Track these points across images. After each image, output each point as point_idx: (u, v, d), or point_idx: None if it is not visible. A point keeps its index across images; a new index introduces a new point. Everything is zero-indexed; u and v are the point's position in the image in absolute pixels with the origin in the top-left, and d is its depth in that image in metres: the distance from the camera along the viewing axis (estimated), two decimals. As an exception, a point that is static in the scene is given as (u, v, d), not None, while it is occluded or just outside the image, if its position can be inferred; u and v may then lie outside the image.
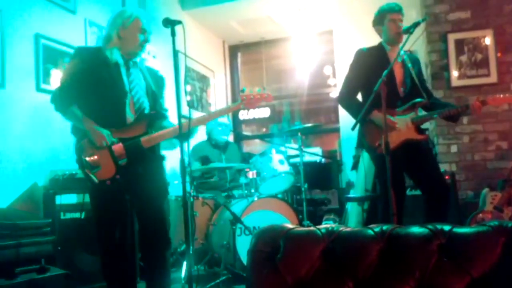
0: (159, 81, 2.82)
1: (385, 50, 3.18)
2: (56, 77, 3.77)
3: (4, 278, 1.95)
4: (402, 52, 3.07)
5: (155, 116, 2.61)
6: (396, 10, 3.14)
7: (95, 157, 2.45)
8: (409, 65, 3.17)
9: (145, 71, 2.73)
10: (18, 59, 3.48)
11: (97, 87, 2.51)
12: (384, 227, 1.35)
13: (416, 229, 1.33)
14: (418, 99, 3.06)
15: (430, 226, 1.32)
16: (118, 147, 2.46)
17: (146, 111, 2.59)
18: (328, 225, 1.41)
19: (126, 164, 2.47)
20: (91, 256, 3.25)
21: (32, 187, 3.43)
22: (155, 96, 2.66)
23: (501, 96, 3.08)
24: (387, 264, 1.26)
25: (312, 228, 1.40)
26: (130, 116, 2.55)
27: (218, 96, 6.70)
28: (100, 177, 2.43)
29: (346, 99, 3.23)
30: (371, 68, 3.03)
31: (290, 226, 1.43)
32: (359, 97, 3.27)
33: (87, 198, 3.51)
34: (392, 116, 3.01)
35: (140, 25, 2.60)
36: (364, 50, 3.22)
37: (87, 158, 2.45)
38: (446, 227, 1.30)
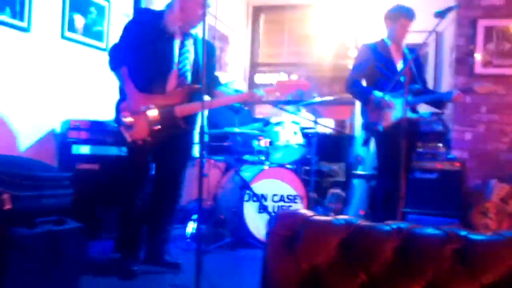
0: (210, 50, 2.96)
1: (387, 44, 3.59)
2: (80, 25, 3.75)
3: (25, 227, 2.04)
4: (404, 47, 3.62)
5: (194, 89, 2.80)
6: (410, 18, 3.49)
7: (131, 119, 2.70)
8: (409, 57, 3.48)
9: (199, 42, 2.89)
10: (45, 4, 3.45)
11: (147, 54, 2.71)
12: (402, 225, 1.39)
13: (432, 231, 1.36)
14: (415, 85, 3.43)
15: (446, 230, 1.35)
16: (153, 113, 2.69)
17: (188, 84, 2.82)
18: (346, 216, 1.45)
19: (159, 130, 2.71)
20: (105, 209, 3.36)
21: (49, 135, 3.48)
22: (199, 71, 2.79)
23: None
24: (401, 262, 1.30)
25: (331, 218, 1.44)
26: (171, 87, 2.79)
27: (237, 56, 6.64)
28: (133, 137, 2.71)
29: (352, 85, 3.59)
30: (374, 60, 3.52)
31: (309, 213, 1.46)
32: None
33: (101, 151, 3.56)
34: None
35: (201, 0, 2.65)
36: (367, 45, 3.63)
37: (124, 119, 2.72)
38: (462, 232, 1.34)
